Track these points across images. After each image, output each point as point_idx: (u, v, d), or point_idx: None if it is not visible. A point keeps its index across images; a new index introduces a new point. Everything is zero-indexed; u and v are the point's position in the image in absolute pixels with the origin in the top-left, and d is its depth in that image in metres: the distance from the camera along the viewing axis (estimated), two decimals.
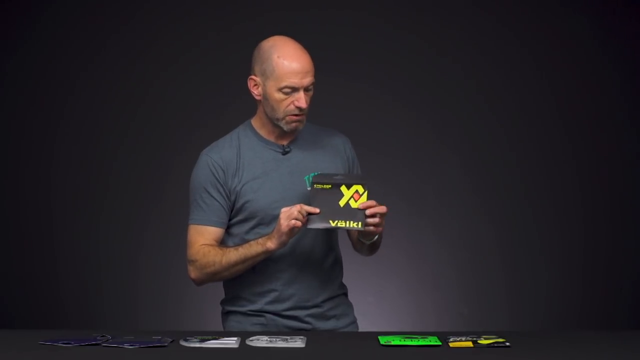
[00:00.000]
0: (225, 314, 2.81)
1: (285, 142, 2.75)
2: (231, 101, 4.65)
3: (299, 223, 2.55)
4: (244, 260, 2.64)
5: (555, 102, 4.71)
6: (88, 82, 4.70)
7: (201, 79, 4.70)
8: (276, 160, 2.73)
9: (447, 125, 4.72)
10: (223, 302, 2.82)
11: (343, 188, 2.58)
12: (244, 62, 4.66)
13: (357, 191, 2.58)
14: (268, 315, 2.72)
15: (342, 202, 2.57)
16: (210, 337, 2.42)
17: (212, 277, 2.70)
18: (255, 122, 2.77)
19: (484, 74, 4.71)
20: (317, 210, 2.56)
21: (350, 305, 2.86)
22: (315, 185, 2.58)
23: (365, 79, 4.69)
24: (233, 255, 2.65)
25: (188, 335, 2.45)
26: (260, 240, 2.63)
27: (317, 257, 2.74)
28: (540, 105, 4.70)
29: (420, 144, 4.72)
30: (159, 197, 4.69)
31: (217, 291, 2.95)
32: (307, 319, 2.73)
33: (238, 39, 4.66)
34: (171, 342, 2.38)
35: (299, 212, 2.54)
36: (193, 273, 2.72)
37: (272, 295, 2.72)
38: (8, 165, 4.70)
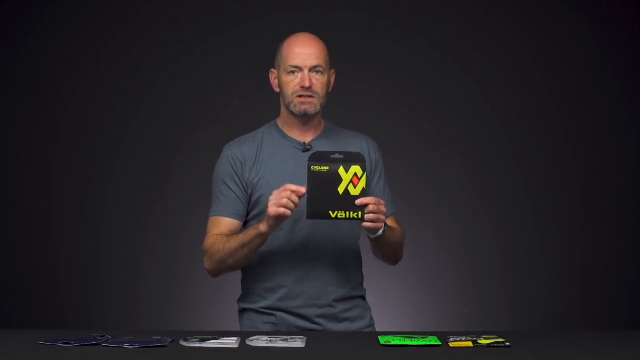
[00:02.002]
0: (241, 312, 2.83)
1: (307, 140, 2.77)
2: (232, 101, 4.66)
3: (287, 212, 2.53)
4: (242, 246, 2.65)
5: (555, 102, 4.71)
6: (89, 82, 4.70)
7: (202, 79, 4.70)
8: (296, 157, 2.75)
9: (447, 125, 4.73)
10: (239, 300, 2.83)
11: (341, 171, 2.51)
12: (244, 62, 4.70)
13: (355, 174, 2.51)
14: (279, 314, 2.72)
15: (340, 189, 2.51)
16: (210, 337, 2.43)
17: (220, 265, 2.71)
18: (279, 120, 2.82)
19: (484, 73, 4.71)
20: (303, 190, 2.51)
21: (367, 309, 2.85)
22: (312, 168, 2.51)
23: (365, 79, 4.69)
24: (234, 241, 2.67)
25: (188, 335, 2.45)
26: (256, 224, 2.63)
27: (331, 255, 2.73)
28: (540, 105, 4.70)
29: (420, 144, 4.72)
30: (160, 196, 4.69)
31: (218, 291, 2.96)
32: (318, 319, 2.73)
33: (238, 39, 4.67)
34: (171, 342, 2.38)
35: (288, 198, 2.52)
36: (206, 263, 2.75)
37: (283, 292, 2.73)
38: (9, 165, 4.70)
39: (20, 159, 4.70)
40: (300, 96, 2.71)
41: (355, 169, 2.52)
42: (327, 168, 2.51)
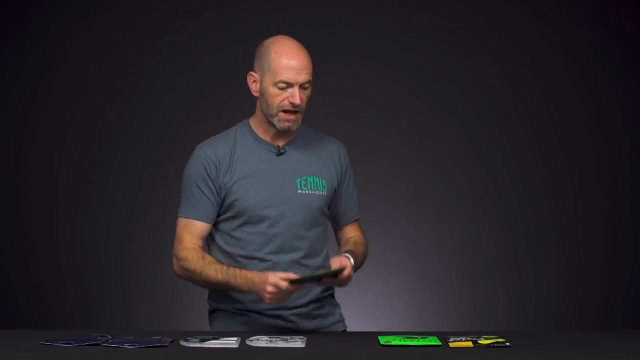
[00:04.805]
0: (211, 313, 2.81)
1: (281, 143, 2.75)
2: (231, 101, 4.65)
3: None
4: (221, 285, 2.65)
5: (554, 102, 4.71)
6: (88, 82, 4.70)
7: (201, 79, 4.70)
8: (270, 160, 2.73)
9: (447, 126, 4.73)
10: (209, 299, 2.82)
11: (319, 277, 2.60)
12: (243, 62, 4.66)
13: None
14: (252, 315, 2.71)
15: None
16: (210, 337, 2.43)
17: (190, 280, 2.72)
18: (252, 121, 2.78)
19: (484, 74, 4.71)
20: (292, 276, 2.53)
21: (336, 305, 2.85)
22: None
23: (365, 79, 4.69)
24: (212, 273, 2.64)
25: (188, 335, 2.45)
26: (247, 277, 2.59)
27: (302, 259, 2.72)
28: (540, 105, 4.70)
29: (420, 144, 4.72)
30: (159, 196, 4.69)
31: None
32: (292, 317, 2.72)
33: (237, 39, 4.67)
34: (171, 342, 2.39)
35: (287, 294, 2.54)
36: (176, 267, 2.74)
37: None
38: (9, 165, 4.70)
39: (20, 159, 4.70)
40: (285, 111, 2.66)
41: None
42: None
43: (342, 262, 2.61)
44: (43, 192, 4.70)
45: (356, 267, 2.71)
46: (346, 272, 2.59)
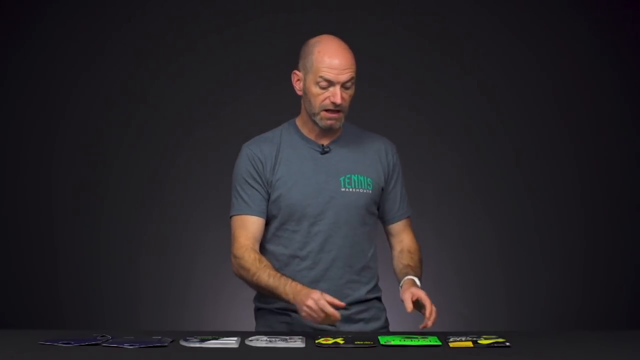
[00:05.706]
0: (256, 311, 2.81)
1: (326, 142, 2.75)
2: (232, 101, 4.66)
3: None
4: (271, 290, 2.60)
5: (555, 102, 4.71)
6: (88, 81, 4.70)
7: (201, 79, 4.70)
8: (314, 159, 2.72)
9: (447, 125, 4.73)
10: (254, 299, 2.81)
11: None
12: (244, 61, 4.70)
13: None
14: (294, 315, 2.68)
15: None
16: (210, 337, 2.43)
17: (244, 280, 2.69)
18: (298, 120, 2.78)
19: (485, 73, 4.71)
20: (342, 304, 2.47)
21: (383, 310, 2.84)
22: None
23: (365, 78, 4.67)
24: (265, 277, 2.61)
25: (188, 335, 2.45)
26: (296, 287, 2.54)
27: (346, 258, 2.71)
28: (541, 105, 4.70)
29: (420, 144, 4.72)
30: (160, 196, 4.69)
31: (218, 291, 2.95)
32: None
33: (238, 38, 4.67)
34: (171, 342, 2.39)
35: (331, 319, 2.46)
36: (233, 266, 2.69)
37: None
38: (8, 164, 4.70)
39: (19, 159, 4.70)
40: (327, 110, 2.67)
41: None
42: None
43: (418, 296, 2.66)
44: (42, 192, 4.70)
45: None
46: (428, 311, 2.64)
